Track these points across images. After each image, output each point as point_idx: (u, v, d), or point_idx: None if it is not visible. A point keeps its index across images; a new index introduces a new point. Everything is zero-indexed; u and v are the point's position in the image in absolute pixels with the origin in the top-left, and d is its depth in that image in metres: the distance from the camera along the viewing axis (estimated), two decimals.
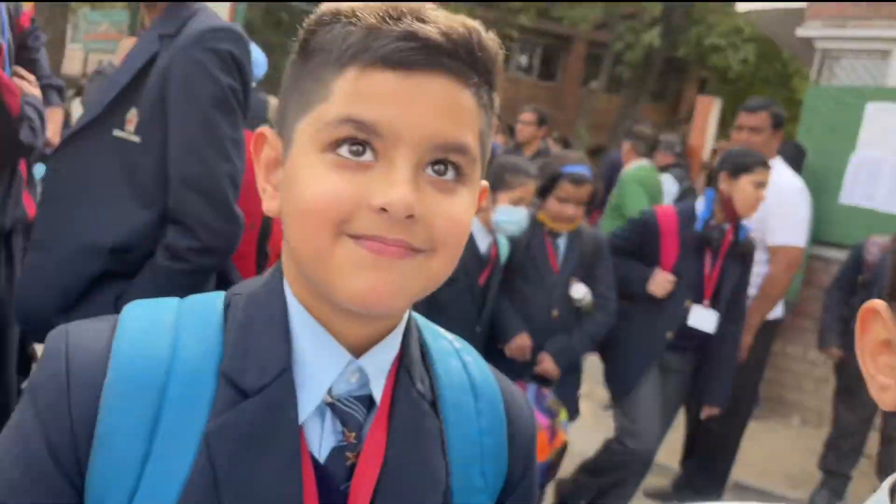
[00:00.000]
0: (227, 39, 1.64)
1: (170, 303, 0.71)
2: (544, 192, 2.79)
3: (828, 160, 4.99)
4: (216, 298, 0.72)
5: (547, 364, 2.77)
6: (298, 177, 0.65)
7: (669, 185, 5.28)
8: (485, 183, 0.75)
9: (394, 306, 0.65)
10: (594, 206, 3.03)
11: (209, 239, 1.61)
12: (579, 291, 2.83)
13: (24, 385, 0.69)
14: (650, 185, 5.06)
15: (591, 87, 21.08)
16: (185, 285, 1.59)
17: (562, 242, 2.87)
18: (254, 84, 1.84)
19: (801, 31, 5.58)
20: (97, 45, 13.72)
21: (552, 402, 2.74)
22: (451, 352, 0.80)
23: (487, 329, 2.77)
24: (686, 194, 5.35)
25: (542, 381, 2.80)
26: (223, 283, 1.78)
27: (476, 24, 0.67)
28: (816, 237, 4.87)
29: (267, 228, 1.89)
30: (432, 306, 1.75)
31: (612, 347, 3.10)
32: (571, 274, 2.85)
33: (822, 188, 4.87)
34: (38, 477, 0.62)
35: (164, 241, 1.62)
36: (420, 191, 0.63)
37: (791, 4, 6.01)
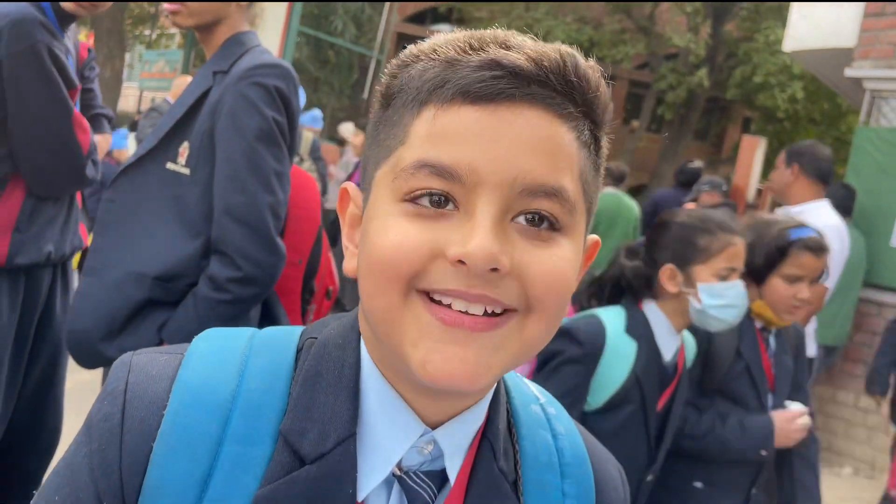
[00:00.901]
0: (274, 75, 1.68)
1: (240, 339, 0.66)
2: (763, 272, 1.99)
3: (878, 201, 4.86)
4: (290, 340, 0.66)
5: None
6: (371, 227, 0.58)
7: None
8: (594, 237, 0.65)
9: (473, 387, 0.56)
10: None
11: (250, 269, 1.63)
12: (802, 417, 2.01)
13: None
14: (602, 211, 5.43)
15: (632, 126, 21.02)
16: (226, 316, 1.62)
17: (772, 342, 2.10)
18: None
19: (850, 72, 5.50)
20: (152, 84, 14.23)
21: None
22: (542, 421, 0.71)
23: (659, 476, 1.87)
24: None
25: None
26: (267, 316, 1.80)
27: (572, 50, 0.58)
28: (867, 280, 4.73)
29: (314, 264, 1.90)
30: None
31: None
32: (787, 389, 2.09)
33: (873, 231, 4.75)
34: None
35: (207, 272, 1.64)
36: (508, 241, 0.55)
37: (839, 44, 5.94)
